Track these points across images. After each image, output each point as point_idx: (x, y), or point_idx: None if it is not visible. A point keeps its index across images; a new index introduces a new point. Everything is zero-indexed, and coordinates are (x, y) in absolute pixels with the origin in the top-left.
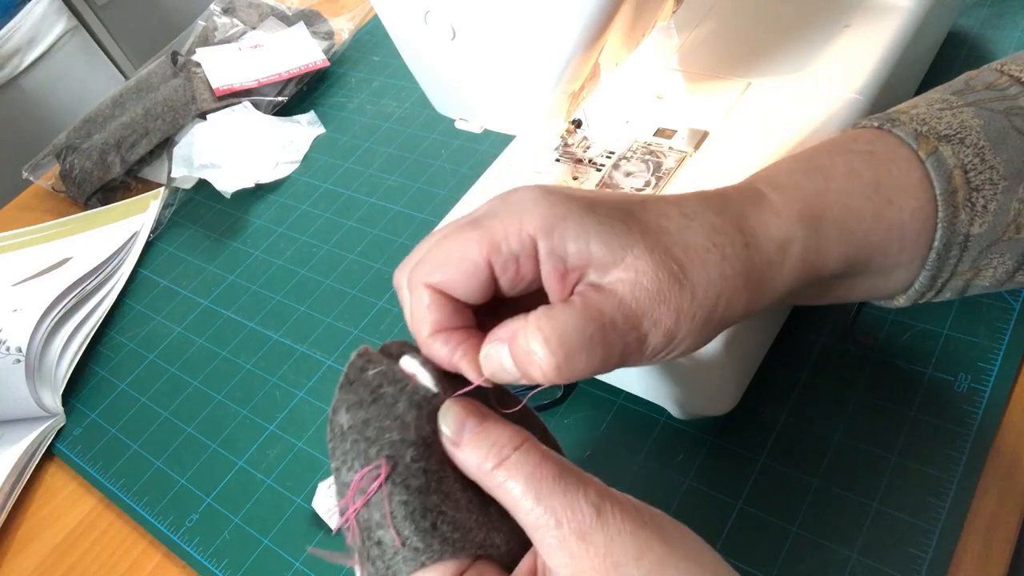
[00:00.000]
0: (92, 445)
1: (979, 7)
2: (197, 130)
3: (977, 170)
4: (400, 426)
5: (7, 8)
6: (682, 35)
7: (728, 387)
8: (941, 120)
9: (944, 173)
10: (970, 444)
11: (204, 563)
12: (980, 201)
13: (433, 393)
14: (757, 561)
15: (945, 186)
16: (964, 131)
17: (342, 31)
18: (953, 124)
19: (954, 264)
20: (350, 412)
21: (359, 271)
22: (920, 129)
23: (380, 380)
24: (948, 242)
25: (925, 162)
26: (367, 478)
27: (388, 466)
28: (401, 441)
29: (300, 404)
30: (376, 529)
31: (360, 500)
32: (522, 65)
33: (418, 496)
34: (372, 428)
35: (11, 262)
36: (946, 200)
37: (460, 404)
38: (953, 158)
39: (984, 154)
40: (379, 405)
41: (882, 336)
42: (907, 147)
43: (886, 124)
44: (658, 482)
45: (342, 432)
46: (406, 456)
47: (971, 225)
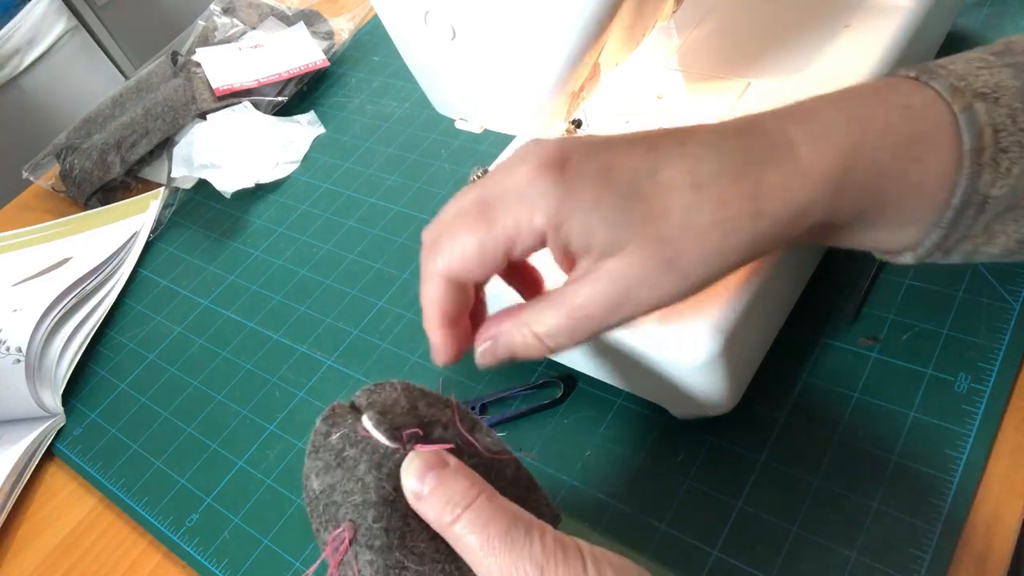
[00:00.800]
0: (92, 445)
1: (979, 7)
2: (197, 130)
3: (1008, 131)
4: (362, 488)
5: (7, 8)
6: (682, 35)
7: (728, 387)
8: (979, 78)
9: (975, 130)
10: (970, 444)
11: (204, 563)
12: (1005, 163)
13: (392, 449)
14: (757, 561)
15: (973, 143)
16: (1000, 91)
17: (342, 31)
18: (990, 83)
19: (969, 225)
20: (319, 478)
21: (359, 271)
22: (957, 84)
23: (343, 443)
24: (967, 200)
25: (959, 116)
26: (337, 540)
27: (352, 529)
28: (363, 503)
29: (300, 404)
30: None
31: (334, 559)
32: (522, 65)
33: (380, 554)
34: (338, 492)
35: (11, 262)
36: (972, 158)
37: (422, 456)
38: (985, 115)
39: (1017, 116)
40: (343, 469)
41: (882, 336)
42: (943, 102)
43: (923, 75)
44: (658, 482)
45: (315, 497)
46: (368, 517)
47: (992, 186)
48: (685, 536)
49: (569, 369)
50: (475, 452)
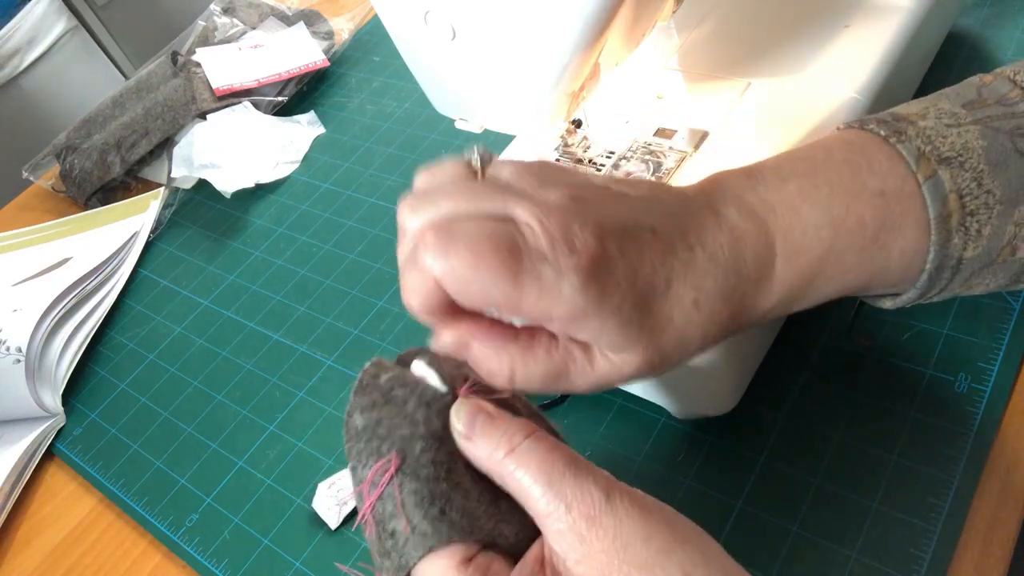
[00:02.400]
0: (92, 445)
1: (979, 7)
2: (197, 130)
3: (973, 195)
4: (410, 423)
5: (7, 8)
6: (682, 35)
7: (728, 387)
8: (946, 140)
9: (939, 197)
10: (970, 444)
11: (204, 563)
12: (975, 226)
13: (442, 393)
14: (757, 561)
15: (939, 210)
16: (966, 153)
17: (342, 31)
18: (956, 145)
19: (945, 284)
20: (364, 414)
21: (359, 271)
22: (923, 148)
23: (392, 384)
24: (940, 265)
25: (922, 186)
26: (380, 472)
27: (398, 458)
28: (411, 436)
29: (300, 404)
30: (390, 520)
31: (375, 493)
32: (522, 65)
33: (427, 484)
34: (384, 426)
35: (11, 262)
36: (940, 224)
37: (472, 402)
38: (950, 182)
39: (982, 178)
40: (391, 406)
41: (882, 336)
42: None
43: (892, 138)
44: (658, 482)
45: (357, 433)
46: (415, 448)
47: (964, 249)
48: None
49: None
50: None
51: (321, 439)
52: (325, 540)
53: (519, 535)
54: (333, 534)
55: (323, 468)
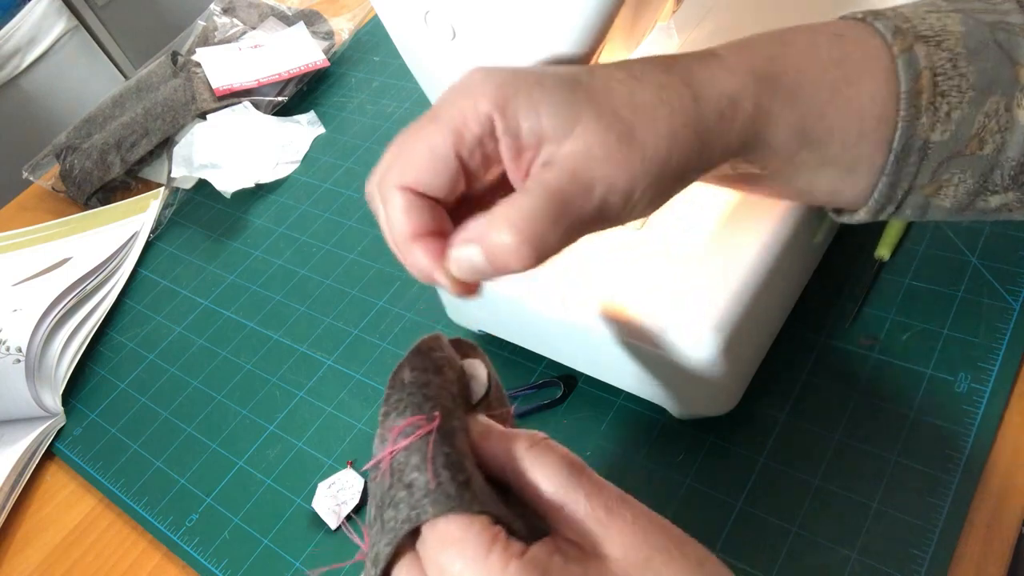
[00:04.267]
0: (92, 445)
1: None
2: (197, 130)
3: (947, 75)
4: (453, 400)
5: (7, 8)
6: (682, 35)
7: (728, 387)
8: (924, 21)
9: (913, 72)
10: (970, 444)
11: (204, 563)
12: (944, 107)
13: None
14: (757, 561)
15: (911, 85)
16: (944, 35)
17: (342, 31)
18: (935, 27)
19: (913, 172)
20: (415, 372)
21: (359, 271)
22: (901, 25)
23: (444, 363)
24: (907, 144)
25: (897, 58)
26: (414, 425)
27: (441, 418)
28: (453, 410)
29: (300, 404)
30: (411, 471)
31: (403, 441)
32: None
33: (458, 454)
34: (432, 388)
35: (11, 262)
36: (909, 100)
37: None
38: (926, 59)
39: (957, 61)
40: (442, 378)
41: (882, 336)
42: (880, 38)
43: (868, 17)
44: (658, 482)
45: (402, 384)
46: (454, 420)
47: (931, 130)
48: None
49: (569, 369)
50: None
51: (321, 439)
52: (325, 540)
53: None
54: (333, 534)
55: (323, 468)
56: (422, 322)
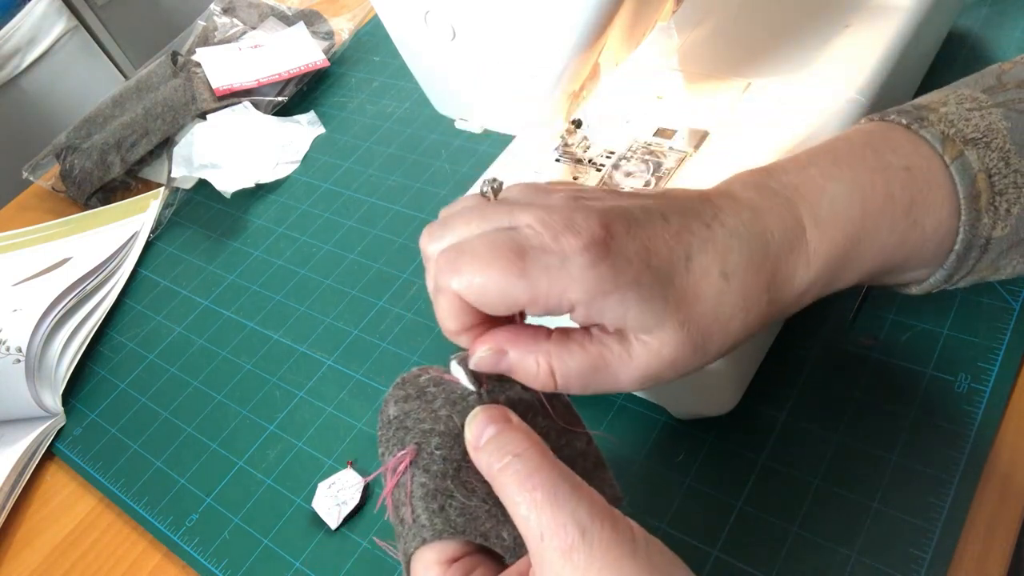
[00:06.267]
0: (92, 445)
1: (979, 7)
2: (197, 130)
3: (1001, 174)
4: (433, 418)
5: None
6: (682, 35)
7: (728, 387)
8: (969, 122)
9: (968, 177)
10: (970, 444)
11: (204, 563)
12: (1003, 205)
13: (470, 392)
14: (757, 561)
15: (969, 190)
16: (991, 134)
17: (342, 31)
18: (980, 127)
19: (972, 264)
20: (397, 405)
21: (359, 271)
22: (947, 131)
23: (428, 383)
24: (968, 245)
25: (950, 166)
26: (398, 460)
27: (414, 451)
28: (430, 430)
29: (300, 404)
30: (400, 507)
31: (392, 480)
32: (522, 65)
33: (434, 480)
34: (411, 419)
35: (11, 262)
36: (969, 204)
37: (487, 411)
38: (978, 162)
39: (1009, 158)
40: (421, 400)
41: (882, 336)
42: (937, 155)
43: (914, 124)
44: (658, 482)
45: (388, 422)
46: (431, 444)
47: (993, 229)
48: (685, 536)
49: None
50: (549, 416)
51: (321, 439)
52: (325, 540)
53: (518, 539)
54: (333, 534)
55: (323, 468)
56: (422, 322)
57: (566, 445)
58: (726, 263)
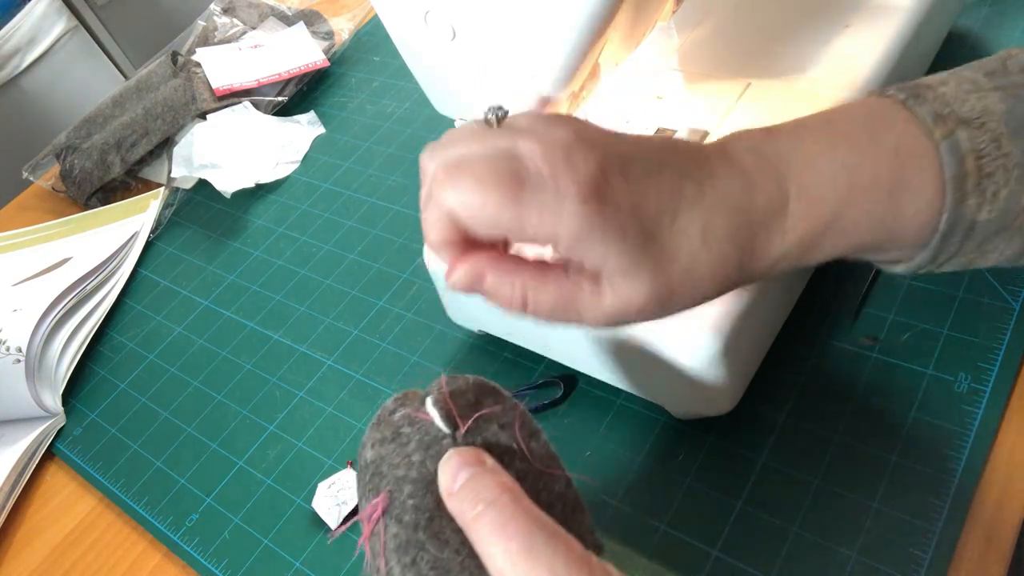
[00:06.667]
0: (92, 445)
1: (979, 7)
2: (197, 130)
3: (991, 156)
4: (406, 464)
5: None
6: (682, 35)
7: (728, 387)
8: (965, 103)
9: (957, 157)
10: (970, 444)
11: (204, 563)
12: (991, 188)
13: (444, 434)
14: (757, 561)
15: (956, 170)
16: (985, 115)
17: (342, 31)
18: (976, 108)
19: (957, 246)
20: (373, 449)
21: (359, 271)
22: (941, 111)
23: (403, 421)
24: (952, 226)
25: (939, 145)
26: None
27: (387, 499)
28: (403, 478)
29: (300, 404)
30: (376, 557)
31: (367, 528)
32: (522, 65)
33: (406, 530)
34: (386, 464)
35: (11, 262)
36: (955, 185)
37: (460, 454)
38: (968, 142)
39: (1001, 140)
40: (396, 443)
41: (882, 336)
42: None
43: (910, 100)
44: (658, 482)
45: (365, 466)
46: (403, 492)
47: (978, 211)
48: (685, 536)
49: (569, 369)
50: (526, 459)
51: (321, 439)
52: (325, 540)
53: None
54: (332, 532)
55: (323, 468)
56: (422, 322)
57: (543, 489)
58: (708, 228)
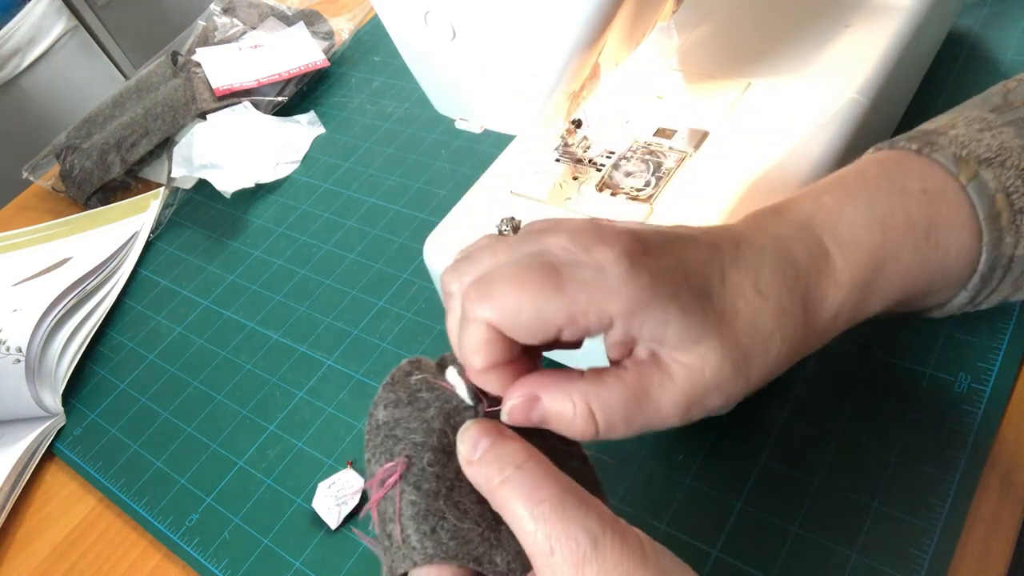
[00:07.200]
0: (92, 445)
1: (979, 7)
2: (197, 130)
3: (1020, 192)
4: (425, 430)
5: (7, 8)
6: (682, 35)
7: None
8: (980, 142)
9: (986, 197)
10: (970, 444)
11: (204, 563)
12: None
13: (467, 406)
14: (757, 561)
15: (988, 211)
16: (1004, 153)
17: (342, 31)
18: (993, 146)
19: (996, 284)
20: (387, 410)
21: (359, 271)
22: (959, 153)
23: (420, 385)
24: (992, 265)
25: (967, 187)
26: (387, 473)
27: (405, 465)
28: (423, 444)
29: (300, 404)
30: (388, 522)
31: (379, 492)
32: (522, 65)
33: (425, 499)
34: (401, 427)
35: (11, 262)
36: (990, 224)
37: (480, 424)
38: (995, 181)
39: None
40: (413, 407)
41: (882, 336)
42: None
43: (925, 149)
44: (658, 482)
45: (376, 427)
46: (423, 459)
47: (1016, 247)
48: (685, 536)
49: None
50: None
51: (321, 439)
52: (325, 540)
53: (511, 565)
54: (333, 534)
55: (323, 468)
56: (422, 322)
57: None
58: (759, 280)
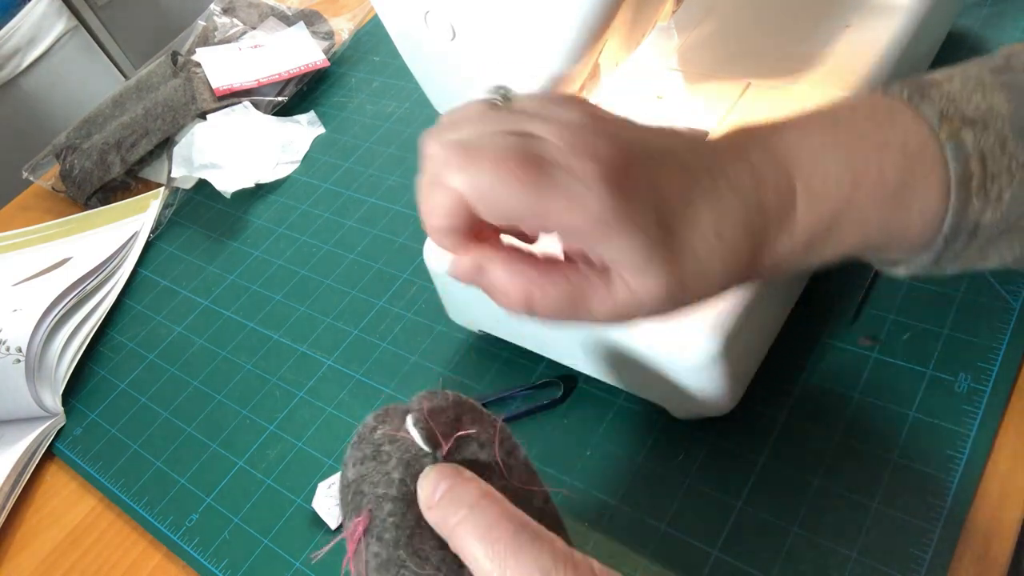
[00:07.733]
0: (92, 445)
1: (979, 7)
2: (197, 130)
3: (996, 158)
4: (386, 482)
5: (7, 8)
6: (682, 35)
7: (728, 387)
8: (970, 102)
9: (961, 158)
10: (970, 444)
11: (204, 563)
12: (995, 190)
13: (424, 452)
14: (757, 561)
15: (961, 172)
16: (990, 116)
17: (342, 31)
18: (981, 107)
19: (960, 249)
20: (355, 468)
21: (359, 271)
22: (946, 110)
23: (383, 439)
24: (956, 228)
25: (945, 146)
26: (355, 527)
27: (368, 518)
28: (383, 496)
29: (300, 404)
30: None
31: (351, 547)
32: (522, 65)
33: (387, 549)
34: (367, 482)
35: (11, 262)
36: (960, 187)
37: (438, 469)
38: (973, 143)
39: (1006, 142)
40: (376, 462)
41: (882, 336)
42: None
43: (915, 97)
44: (658, 482)
45: (347, 485)
46: (384, 510)
47: (983, 214)
48: (685, 536)
49: (569, 369)
50: (504, 476)
51: (321, 439)
52: (325, 540)
53: None
54: (333, 534)
55: (323, 468)
56: (422, 322)
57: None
58: (723, 224)
